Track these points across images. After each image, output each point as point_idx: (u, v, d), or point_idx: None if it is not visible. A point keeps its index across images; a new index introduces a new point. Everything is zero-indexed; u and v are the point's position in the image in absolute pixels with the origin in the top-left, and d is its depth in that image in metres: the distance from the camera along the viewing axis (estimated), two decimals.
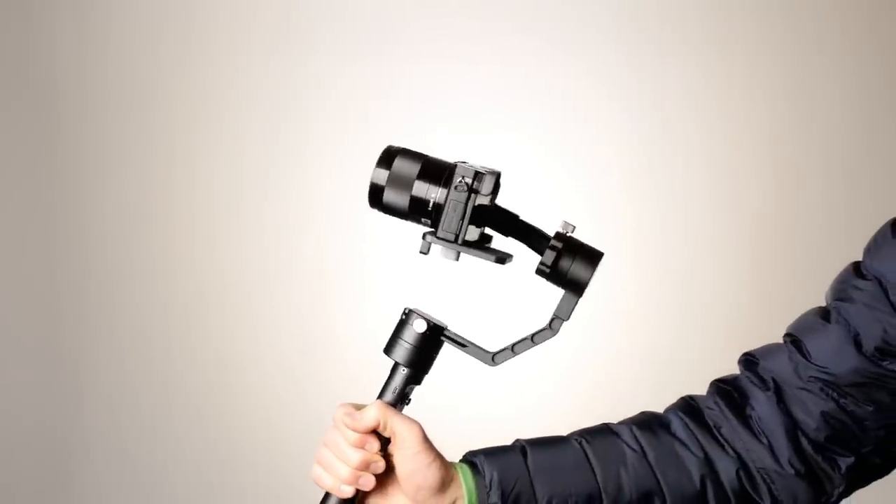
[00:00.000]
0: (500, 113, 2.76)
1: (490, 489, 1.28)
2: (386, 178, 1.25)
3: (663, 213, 2.78)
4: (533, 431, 1.34)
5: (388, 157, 1.26)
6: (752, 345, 1.44)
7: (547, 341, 1.33)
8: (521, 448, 1.33)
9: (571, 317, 1.31)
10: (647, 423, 1.38)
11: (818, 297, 1.39)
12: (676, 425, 1.37)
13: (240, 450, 2.93)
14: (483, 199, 1.23)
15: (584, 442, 1.34)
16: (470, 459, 1.31)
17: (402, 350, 1.28)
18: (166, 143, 2.93)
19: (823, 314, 1.37)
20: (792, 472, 1.32)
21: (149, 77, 2.93)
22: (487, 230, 1.28)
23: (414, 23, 2.82)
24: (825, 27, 2.75)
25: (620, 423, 1.38)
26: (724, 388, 1.39)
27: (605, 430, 1.36)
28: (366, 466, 1.27)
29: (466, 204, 1.23)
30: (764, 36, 2.75)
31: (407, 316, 1.29)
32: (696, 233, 2.78)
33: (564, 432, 1.37)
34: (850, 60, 2.74)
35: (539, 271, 1.28)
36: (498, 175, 1.24)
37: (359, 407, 1.29)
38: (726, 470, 1.33)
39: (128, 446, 2.98)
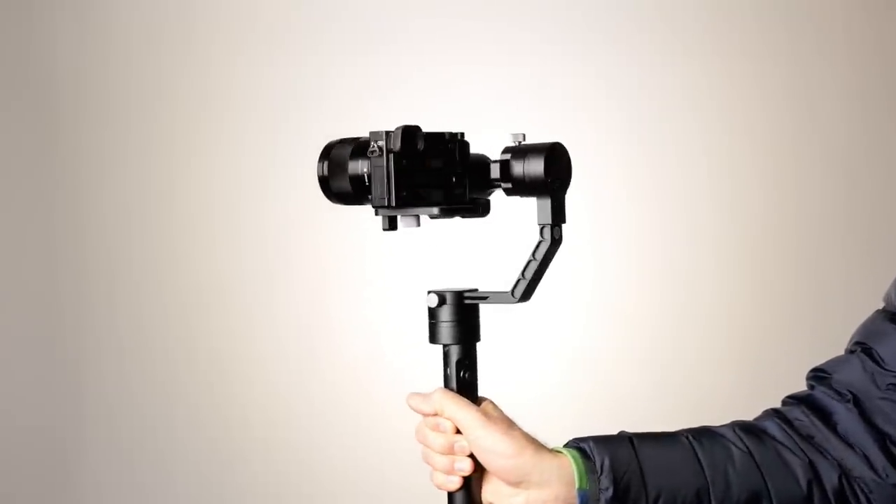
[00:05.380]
0: (500, 113, 2.76)
1: (601, 474, 1.24)
2: (326, 168, 1.26)
3: (663, 213, 2.78)
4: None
5: (327, 149, 1.27)
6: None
7: (552, 254, 1.25)
8: (629, 439, 1.29)
9: (563, 219, 1.25)
10: (747, 426, 1.33)
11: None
12: (775, 430, 1.32)
13: (240, 450, 2.93)
14: (401, 157, 1.21)
15: (691, 438, 1.30)
16: (577, 445, 1.28)
17: (438, 331, 1.27)
18: (166, 143, 2.93)
19: (890, 317, 1.32)
20: (890, 481, 1.28)
21: (149, 77, 2.93)
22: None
23: (414, 23, 2.82)
24: (825, 28, 2.75)
25: (719, 426, 1.34)
26: (805, 401, 1.34)
27: (709, 430, 1.32)
28: (450, 448, 1.25)
29: (387, 166, 1.21)
30: (764, 36, 2.75)
31: (429, 298, 1.27)
32: (697, 233, 2.78)
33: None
34: (851, 61, 2.74)
35: (506, 191, 1.25)
36: (405, 129, 1.21)
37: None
38: (828, 476, 1.29)
39: (128, 446, 2.98)
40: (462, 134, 1.26)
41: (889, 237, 2.71)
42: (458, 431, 1.26)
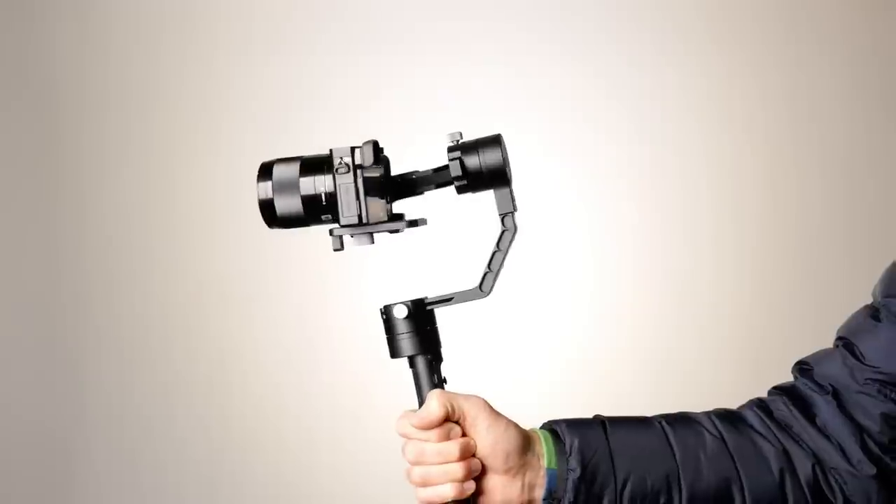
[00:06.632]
0: (500, 113, 2.76)
1: (570, 455, 1.27)
2: (271, 189, 1.22)
3: (663, 213, 2.78)
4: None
5: (265, 169, 1.24)
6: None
7: (514, 244, 1.27)
8: (602, 422, 1.31)
9: (517, 206, 1.26)
10: (725, 413, 1.36)
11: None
12: (752, 419, 1.34)
13: (240, 450, 2.93)
14: (372, 172, 1.20)
15: (664, 423, 1.32)
16: (550, 427, 1.30)
17: (405, 343, 1.27)
18: (166, 144, 2.93)
19: (873, 313, 1.33)
20: (864, 473, 1.30)
21: (149, 77, 2.93)
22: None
23: (414, 23, 2.82)
24: (825, 29, 2.75)
25: (697, 412, 1.36)
26: (789, 392, 1.36)
27: (684, 416, 1.35)
28: (468, 453, 1.25)
29: (356, 182, 1.21)
30: (764, 36, 2.76)
31: (386, 312, 1.28)
32: (696, 233, 2.78)
33: None
34: (850, 60, 2.74)
35: (460, 189, 1.25)
36: (374, 143, 1.21)
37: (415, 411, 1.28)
38: (802, 464, 1.31)
39: (128, 446, 2.98)
40: (383, 149, 1.25)
41: (889, 238, 2.71)
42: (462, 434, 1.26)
